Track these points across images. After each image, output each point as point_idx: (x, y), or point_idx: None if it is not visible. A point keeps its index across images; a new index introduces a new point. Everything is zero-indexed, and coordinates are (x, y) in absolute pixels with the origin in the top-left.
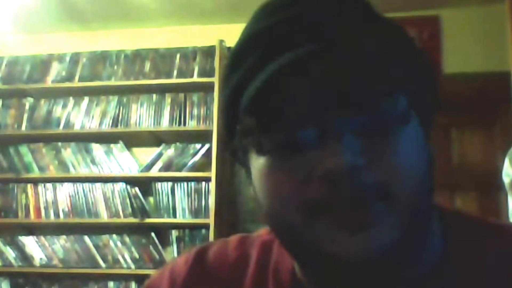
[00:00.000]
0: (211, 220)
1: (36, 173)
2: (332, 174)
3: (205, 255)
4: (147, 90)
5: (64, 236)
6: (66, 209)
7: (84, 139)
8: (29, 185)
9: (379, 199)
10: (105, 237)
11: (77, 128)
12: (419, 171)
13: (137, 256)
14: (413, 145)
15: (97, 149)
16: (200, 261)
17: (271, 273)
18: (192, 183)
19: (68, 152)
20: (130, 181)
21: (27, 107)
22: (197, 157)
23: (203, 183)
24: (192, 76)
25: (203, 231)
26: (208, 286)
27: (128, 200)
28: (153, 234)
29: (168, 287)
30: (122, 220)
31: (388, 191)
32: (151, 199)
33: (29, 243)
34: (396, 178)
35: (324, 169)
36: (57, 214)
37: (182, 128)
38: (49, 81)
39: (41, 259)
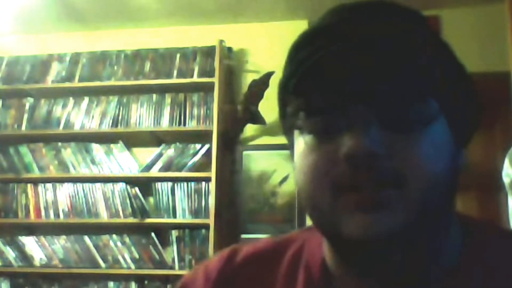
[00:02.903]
0: (211, 220)
1: (36, 173)
2: (352, 156)
3: (238, 252)
4: (147, 90)
5: (64, 236)
6: (66, 209)
7: (84, 139)
8: (29, 185)
9: (392, 186)
10: (105, 237)
11: (77, 128)
12: (436, 171)
13: (137, 256)
14: (435, 147)
15: (97, 149)
16: (233, 258)
17: (302, 267)
18: (192, 183)
19: (68, 152)
20: (130, 181)
21: (27, 107)
22: (197, 157)
23: (203, 183)
24: (192, 76)
25: (203, 231)
26: (241, 283)
27: (128, 200)
28: (153, 234)
29: (203, 283)
30: (122, 220)
31: (402, 181)
32: (151, 199)
33: (29, 243)
34: (411, 171)
35: (344, 151)
36: (57, 214)
37: (182, 128)
38: (49, 81)
39: (41, 259)
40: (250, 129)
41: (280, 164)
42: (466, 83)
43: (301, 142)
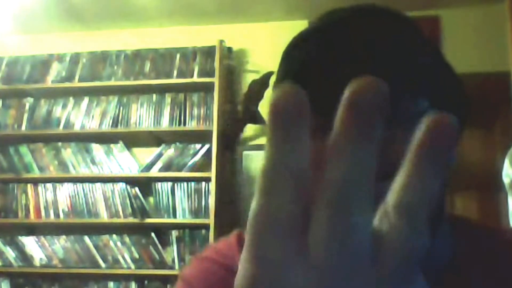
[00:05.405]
0: (211, 220)
1: (36, 173)
2: None
3: (243, 235)
4: (147, 90)
5: (64, 236)
6: (66, 209)
7: (84, 139)
8: (29, 185)
9: (379, 179)
10: (105, 237)
11: (77, 128)
12: None
13: (137, 256)
14: None
15: (97, 149)
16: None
17: None
18: (192, 183)
19: (68, 152)
20: (130, 181)
21: (27, 107)
22: (197, 157)
23: (203, 183)
24: (192, 76)
25: (203, 231)
26: None
27: (128, 200)
28: (153, 234)
29: (224, 274)
30: (122, 220)
31: (388, 173)
32: (151, 199)
33: (29, 243)
34: (396, 164)
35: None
36: (57, 214)
37: (182, 128)
38: (49, 81)
39: (41, 259)
40: (250, 129)
41: None
42: (456, 84)
43: None
